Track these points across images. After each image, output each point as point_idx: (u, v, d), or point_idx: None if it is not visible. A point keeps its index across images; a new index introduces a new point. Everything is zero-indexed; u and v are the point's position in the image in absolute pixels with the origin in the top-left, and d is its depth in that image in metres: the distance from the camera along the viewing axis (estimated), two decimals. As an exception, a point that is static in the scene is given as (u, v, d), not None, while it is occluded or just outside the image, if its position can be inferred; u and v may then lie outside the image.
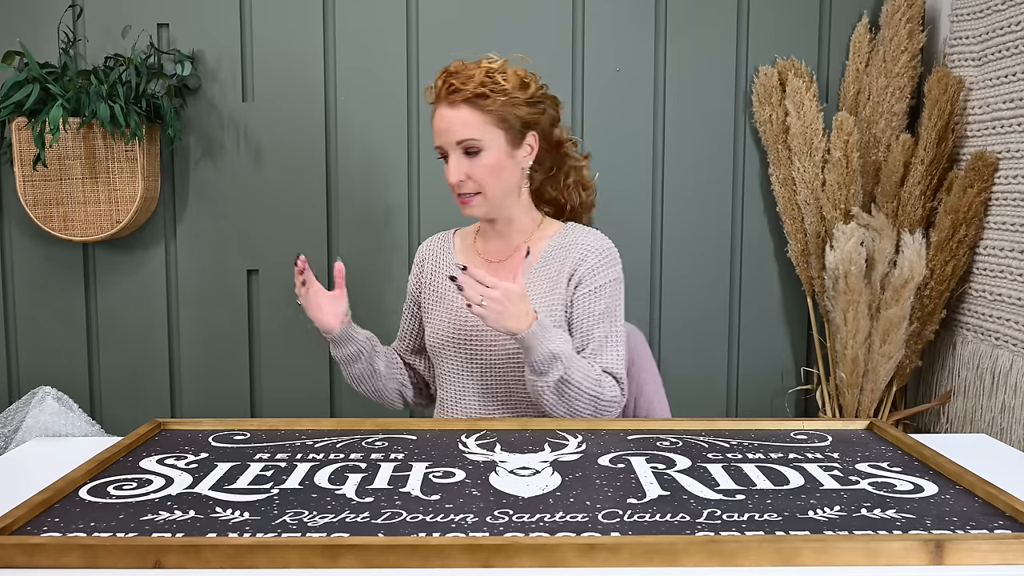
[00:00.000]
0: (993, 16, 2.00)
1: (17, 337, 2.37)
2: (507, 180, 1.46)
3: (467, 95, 1.39)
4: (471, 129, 1.40)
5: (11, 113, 2.08)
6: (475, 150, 1.41)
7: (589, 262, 1.47)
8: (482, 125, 1.41)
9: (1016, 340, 1.91)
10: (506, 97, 1.41)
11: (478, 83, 1.39)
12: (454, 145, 1.42)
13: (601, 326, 1.45)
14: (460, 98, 1.40)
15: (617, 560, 0.85)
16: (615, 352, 1.44)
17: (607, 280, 1.47)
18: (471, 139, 1.41)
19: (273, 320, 2.36)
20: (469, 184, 1.43)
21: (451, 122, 1.41)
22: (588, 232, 1.52)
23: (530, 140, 1.47)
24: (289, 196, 2.33)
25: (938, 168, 2.10)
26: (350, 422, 1.32)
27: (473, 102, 1.40)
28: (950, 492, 1.03)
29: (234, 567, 0.85)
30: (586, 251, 1.47)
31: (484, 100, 1.40)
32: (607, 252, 1.49)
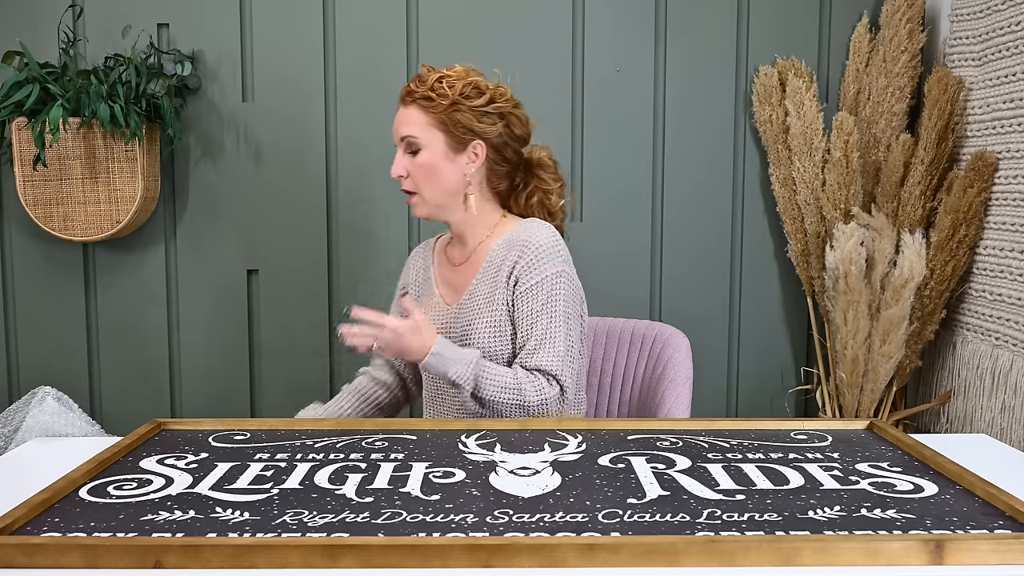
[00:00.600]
0: (993, 16, 2.00)
1: (17, 337, 2.37)
2: (444, 183, 1.50)
3: (417, 96, 1.47)
4: (413, 128, 1.48)
5: (11, 113, 2.08)
6: (414, 148, 1.48)
7: (526, 258, 1.47)
8: (424, 125, 1.47)
9: (1016, 340, 1.91)
10: (449, 102, 1.46)
11: (428, 87, 1.47)
12: (399, 142, 1.50)
13: (539, 323, 1.44)
14: (411, 99, 1.48)
15: (617, 560, 0.85)
16: (551, 349, 1.43)
17: (544, 275, 1.45)
18: (411, 136, 1.48)
19: (273, 320, 2.36)
20: (407, 181, 1.51)
21: (400, 120, 1.50)
22: (530, 227, 1.51)
23: (476, 148, 1.50)
24: (289, 196, 2.33)
25: (938, 168, 2.10)
26: (350, 422, 1.32)
27: (420, 103, 1.47)
28: (950, 492, 1.03)
29: (234, 567, 0.85)
30: (523, 248, 1.47)
31: (430, 102, 1.47)
32: (544, 246, 1.47)
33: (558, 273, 1.46)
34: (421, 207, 1.53)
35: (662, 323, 1.87)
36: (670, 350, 1.76)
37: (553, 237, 1.49)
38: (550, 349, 1.43)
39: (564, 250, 1.50)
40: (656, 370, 1.77)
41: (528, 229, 1.50)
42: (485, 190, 1.55)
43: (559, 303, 1.46)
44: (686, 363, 1.72)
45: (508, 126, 1.52)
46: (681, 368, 1.70)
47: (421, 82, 1.48)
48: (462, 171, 1.50)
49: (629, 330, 1.89)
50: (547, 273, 1.46)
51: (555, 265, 1.46)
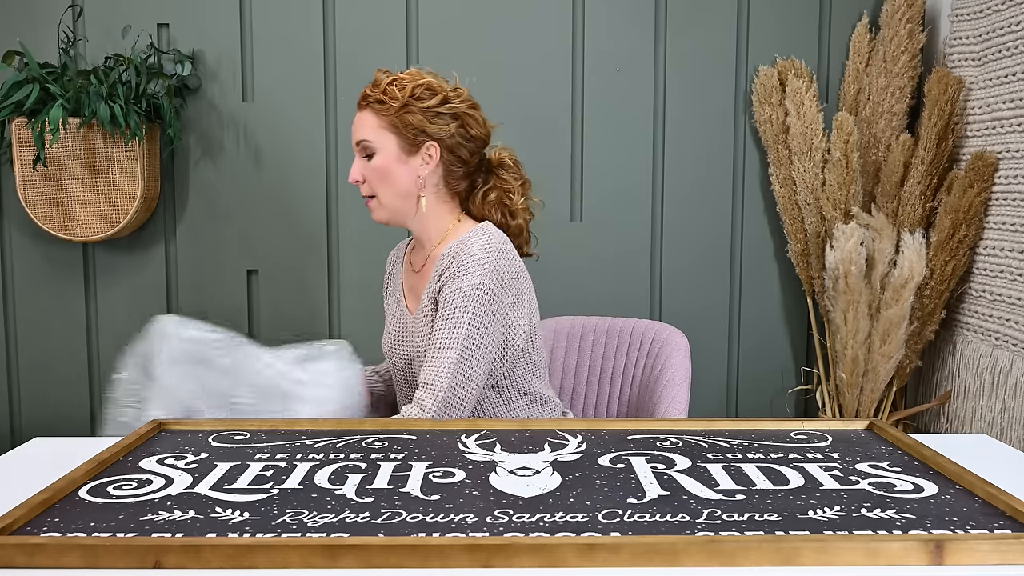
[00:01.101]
0: (993, 16, 2.00)
1: (17, 337, 2.37)
2: (398, 186, 1.49)
3: (371, 100, 1.48)
4: (366, 131, 1.48)
5: (11, 113, 2.09)
6: (369, 152, 1.48)
7: (452, 268, 1.43)
8: (377, 129, 1.47)
9: (1016, 340, 1.91)
10: (399, 104, 1.46)
11: (381, 90, 1.47)
12: (355, 146, 1.51)
13: (440, 332, 1.41)
14: (365, 103, 1.49)
15: (617, 560, 0.85)
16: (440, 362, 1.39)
17: (461, 286, 1.41)
18: (365, 140, 1.48)
19: (273, 320, 2.36)
20: (365, 186, 1.51)
21: (355, 124, 1.50)
22: (469, 235, 1.47)
23: (429, 150, 1.48)
24: (289, 196, 2.33)
25: (938, 168, 2.10)
26: (350, 422, 1.32)
27: (373, 107, 1.48)
28: (950, 492, 1.03)
29: (234, 567, 0.85)
30: (454, 257, 1.44)
31: (381, 105, 1.47)
32: (472, 257, 1.42)
33: (476, 285, 1.40)
34: (379, 211, 1.53)
35: (661, 322, 1.87)
36: (668, 349, 1.76)
37: (485, 248, 1.43)
38: (441, 361, 1.39)
39: (494, 262, 1.43)
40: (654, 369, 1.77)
41: (468, 237, 1.46)
42: (442, 192, 1.53)
43: (467, 315, 1.40)
44: (684, 362, 1.72)
45: (463, 126, 1.50)
46: (679, 368, 1.70)
47: (375, 86, 1.48)
48: (415, 173, 1.48)
49: (628, 329, 1.89)
50: (464, 284, 1.41)
51: (475, 277, 1.41)
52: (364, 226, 2.34)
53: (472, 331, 1.40)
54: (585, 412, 1.91)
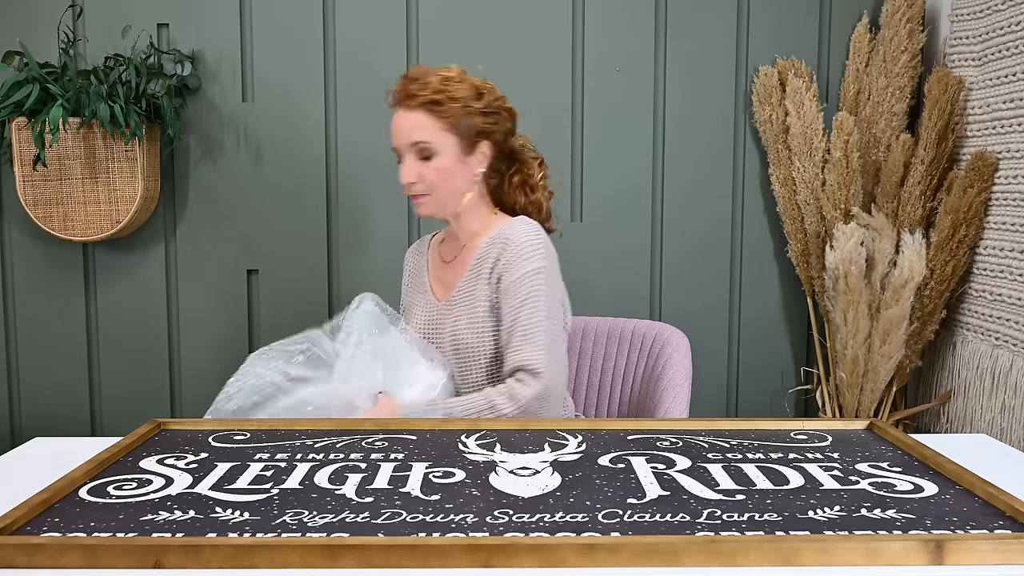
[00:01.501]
0: (993, 16, 2.00)
1: (17, 337, 2.37)
2: (457, 185, 1.51)
3: (423, 100, 1.46)
4: (425, 133, 1.47)
5: (11, 113, 2.09)
6: (428, 154, 1.48)
7: (507, 255, 1.47)
8: (436, 130, 1.47)
9: (1016, 340, 1.91)
10: (460, 105, 1.47)
11: (434, 90, 1.45)
12: (408, 147, 1.48)
13: (520, 319, 1.44)
14: (416, 103, 1.46)
15: (617, 560, 0.85)
16: (533, 348, 1.43)
17: (525, 271, 1.45)
18: (424, 142, 1.47)
19: (273, 320, 2.36)
20: (419, 186, 1.49)
21: (407, 125, 1.48)
22: (512, 225, 1.51)
23: (484, 148, 1.52)
24: (289, 196, 2.33)
25: (938, 168, 2.10)
26: (350, 422, 1.32)
27: (428, 108, 1.46)
28: (950, 492, 1.03)
29: (234, 567, 0.85)
30: (504, 245, 1.48)
31: (439, 107, 1.46)
32: (525, 243, 1.47)
33: (538, 269, 1.46)
34: (430, 206, 1.52)
35: (662, 323, 1.87)
36: (669, 350, 1.76)
37: (535, 234, 1.49)
38: (532, 344, 1.43)
39: (545, 247, 1.49)
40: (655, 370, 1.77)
41: (511, 226, 1.51)
42: (481, 186, 1.57)
43: (541, 298, 1.45)
44: (685, 363, 1.72)
45: (508, 122, 1.54)
46: (680, 368, 1.70)
47: (422, 85, 1.46)
48: (472, 172, 1.52)
49: (629, 330, 1.89)
50: (527, 269, 1.46)
51: (535, 261, 1.46)
52: (364, 226, 2.34)
53: (550, 311, 1.46)
54: (585, 412, 1.91)
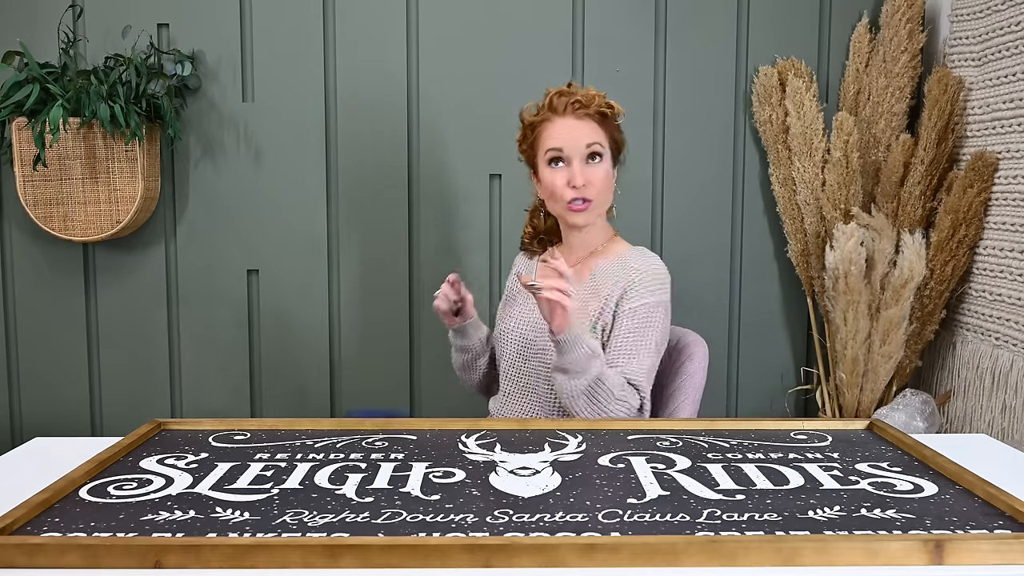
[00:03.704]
0: (993, 16, 2.00)
1: (17, 337, 2.37)
2: (610, 196, 1.59)
3: (595, 110, 1.54)
4: (597, 136, 1.54)
5: (11, 113, 2.08)
6: (598, 155, 1.54)
7: (635, 283, 1.53)
8: (604, 138, 1.56)
9: (1016, 340, 1.91)
10: (616, 123, 1.58)
11: (599, 104, 1.54)
12: (582, 149, 1.53)
13: (632, 340, 1.49)
14: (585, 112, 1.53)
15: (617, 560, 0.85)
16: (639, 365, 1.48)
17: (646, 301, 1.52)
18: (599, 145, 1.54)
19: (273, 320, 2.36)
20: (590, 189, 1.53)
21: (579, 130, 1.53)
22: (645, 256, 1.59)
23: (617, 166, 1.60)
24: (289, 196, 2.33)
25: (938, 168, 2.10)
26: (350, 422, 1.32)
27: (596, 117, 1.54)
28: (950, 492, 1.03)
29: (234, 567, 0.85)
30: (635, 272, 1.54)
31: (604, 119, 1.55)
32: (654, 275, 1.54)
33: (659, 303, 1.53)
34: (591, 214, 1.56)
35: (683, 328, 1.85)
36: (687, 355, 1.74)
37: (664, 269, 1.57)
38: (638, 365, 1.48)
39: (669, 283, 1.57)
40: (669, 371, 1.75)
41: (643, 257, 1.58)
42: None
43: (656, 330, 1.52)
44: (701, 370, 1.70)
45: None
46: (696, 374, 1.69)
47: (588, 97, 1.53)
48: (614, 187, 1.60)
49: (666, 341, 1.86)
50: (648, 300, 1.52)
51: (659, 296, 1.54)
52: (364, 226, 2.34)
53: (658, 345, 1.53)
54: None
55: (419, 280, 2.34)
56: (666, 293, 1.56)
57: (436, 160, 2.31)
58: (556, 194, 1.54)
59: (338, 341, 2.37)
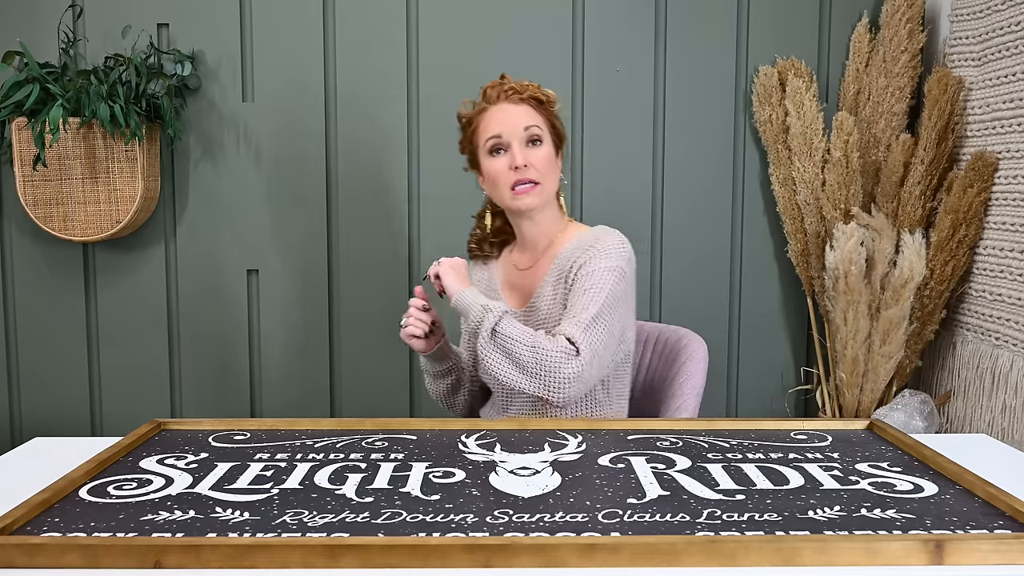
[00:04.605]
0: (993, 16, 2.00)
1: (17, 337, 2.37)
2: (555, 181, 1.55)
3: (530, 95, 1.53)
4: (534, 119, 1.53)
5: (11, 113, 2.08)
6: (538, 139, 1.52)
7: (589, 254, 1.50)
8: (542, 122, 1.54)
9: (1016, 340, 1.91)
10: (552, 108, 1.56)
11: (534, 91, 1.54)
12: (520, 132, 1.51)
13: (579, 302, 1.44)
14: (521, 98, 1.53)
15: (617, 560, 0.85)
16: (576, 321, 1.41)
17: (600, 267, 1.47)
18: (537, 127, 1.52)
19: (273, 320, 2.36)
20: (532, 171, 1.50)
21: (516, 114, 1.52)
22: (600, 231, 1.56)
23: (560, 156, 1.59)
24: (289, 196, 2.33)
25: (938, 168, 2.10)
26: (350, 422, 1.32)
27: (532, 103, 1.54)
28: (950, 492, 1.03)
29: (234, 567, 0.85)
30: (587, 248, 1.51)
31: (540, 105, 1.54)
32: (607, 246, 1.50)
33: (613, 268, 1.47)
34: (536, 196, 1.52)
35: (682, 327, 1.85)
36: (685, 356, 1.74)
37: (621, 241, 1.53)
38: (576, 320, 1.41)
39: (629, 254, 1.52)
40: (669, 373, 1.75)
41: (599, 233, 1.55)
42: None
43: (604, 289, 1.44)
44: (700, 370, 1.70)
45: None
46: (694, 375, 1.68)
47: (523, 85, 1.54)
48: (559, 174, 1.58)
49: (643, 333, 1.87)
50: (603, 265, 1.47)
51: (613, 260, 1.48)
52: (364, 226, 2.34)
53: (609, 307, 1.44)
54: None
55: (419, 280, 2.34)
56: (623, 259, 1.49)
57: (436, 161, 2.31)
58: (499, 180, 1.51)
59: (338, 341, 2.37)
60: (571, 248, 1.53)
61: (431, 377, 1.65)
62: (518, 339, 1.39)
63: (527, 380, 1.39)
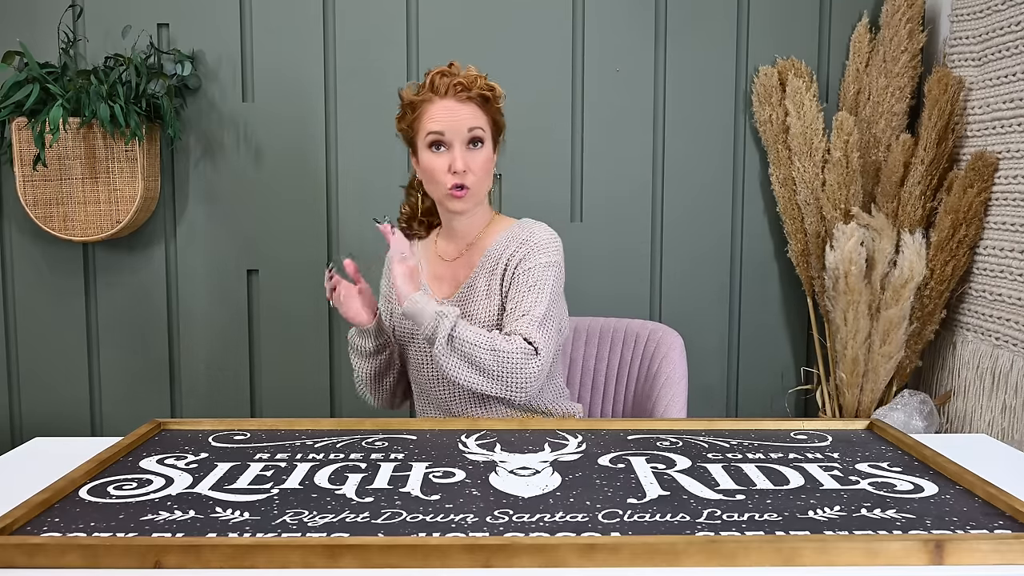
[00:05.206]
0: (993, 16, 2.00)
1: (17, 337, 2.37)
2: (488, 181, 1.56)
3: (477, 93, 1.49)
4: (479, 121, 1.50)
5: (11, 113, 2.08)
6: (479, 140, 1.50)
7: (525, 249, 1.52)
8: (485, 121, 1.52)
9: (1016, 340, 1.91)
10: (498, 104, 1.54)
11: (481, 86, 1.50)
12: (463, 133, 1.49)
13: (525, 299, 1.47)
14: (467, 95, 1.49)
15: (617, 560, 0.85)
16: (530, 318, 1.45)
17: (539, 263, 1.51)
18: (479, 129, 1.50)
19: (273, 320, 2.36)
20: (469, 176, 1.49)
21: (461, 115, 1.49)
22: (533, 225, 1.57)
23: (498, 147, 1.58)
24: (289, 196, 2.33)
25: (938, 168, 2.10)
26: (350, 422, 1.32)
27: (478, 100, 1.50)
28: (950, 492, 1.03)
29: (234, 567, 0.85)
30: (521, 243, 1.53)
31: (486, 102, 1.51)
32: (544, 240, 1.53)
33: (551, 263, 1.52)
34: (470, 200, 1.52)
35: (655, 322, 1.87)
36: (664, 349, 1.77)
37: (554, 235, 1.57)
38: (529, 319, 1.46)
39: (560, 248, 1.56)
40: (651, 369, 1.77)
41: (531, 226, 1.57)
42: None
43: (547, 285, 1.50)
44: (681, 362, 1.72)
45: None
46: (676, 367, 1.71)
47: (471, 79, 1.49)
48: (493, 168, 1.57)
49: (622, 329, 1.89)
50: (541, 261, 1.51)
51: (550, 256, 1.53)
52: (364, 226, 2.34)
53: (553, 302, 1.50)
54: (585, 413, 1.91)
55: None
56: (559, 254, 1.54)
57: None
58: (436, 177, 1.50)
59: (338, 341, 2.37)
60: (501, 242, 1.55)
61: (365, 357, 1.59)
62: (476, 343, 1.41)
63: (489, 383, 1.42)
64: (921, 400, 2.09)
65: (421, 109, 1.51)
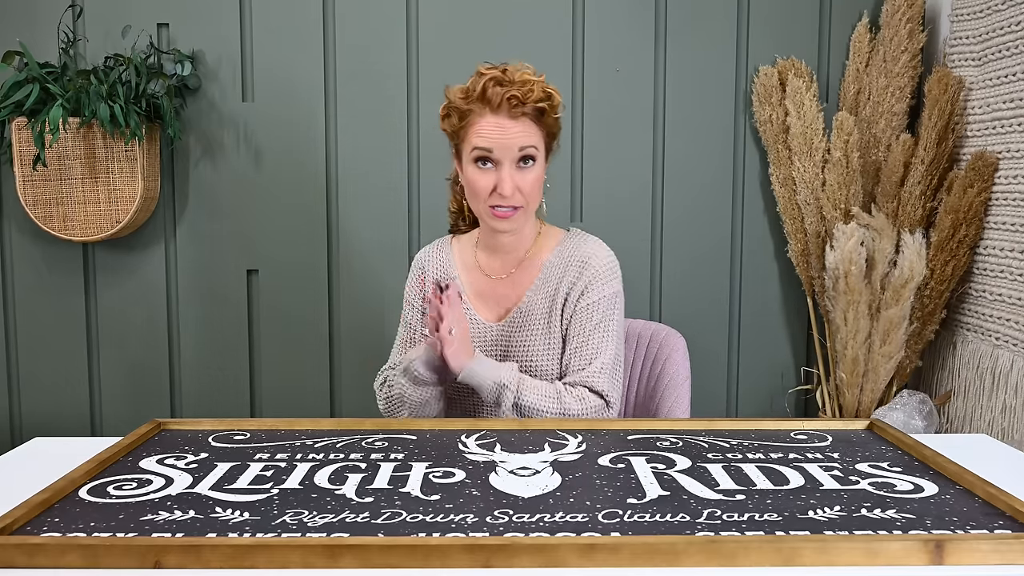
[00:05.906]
0: (993, 16, 2.00)
1: (17, 337, 2.37)
2: (538, 200, 1.44)
3: (531, 108, 1.36)
4: (532, 139, 1.38)
5: (11, 113, 2.09)
6: (531, 159, 1.38)
7: (586, 276, 1.45)
8: (539, 139, 1.39)
9: (1016, 340, 1.91)
10: (557, 116, 1.41)
11: (538, 98, 1.36)
12: (514, 153, 1.37)
13: (592, 340, 1.43)
14: (521, 111, 1.36)
15: (617, 560, 0.85)
16: (599, 366, 1.42)
17: (603, 295, 1.44)
18: (532, 148, 1.38)
19: (273, 320, 2.36)
20: (517, 196, 1.38)
21: (513, 132, 1.36)
22: (588, 242, 1.49)
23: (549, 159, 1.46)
24: (289, 196, 2.33)
25: (938, 168, 2.10)
26: (350, 422, 1.32)
27: (534, 116, 1.38)
28: (950, 492, 1.03)
29: (234, 567, 0.85)
30: (584, 265, 1.45)
31: (542, 116, 1.38)
32: (605, 266, 1.46)
33: (616, 293, 1.46)
34: (518, 220, 1.41)
35: (658, 323, 1.87)
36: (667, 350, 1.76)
37: (612, 256, 1.49)
38: (598, 366, 1.41)
39: (619, 269, 1.49)
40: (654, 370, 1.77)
41: (588, 246, 1.48)
42: None
43: (613, 322, 1.45)
44: (684, 363, 1.72)
45: None
46: (680, 368, 1.70)
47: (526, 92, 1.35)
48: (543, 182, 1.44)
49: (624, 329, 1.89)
50: (605, 293, 1.44)
51: (614, 286, 1.46)
52: (364, 226, 2.34)
53: (618, 338, 1.46)
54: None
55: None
56: (619, 280, 1.48)
57: (436, 162, 2.31)
58: (480, 195, 1.38)
59: (338, 341, 2.37)
60: (556, 263, 1.46)
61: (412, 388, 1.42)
62: (544, 410, 1.37)
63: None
64: (921, 400, 2.09)
65: (469, 120, 1.38)
